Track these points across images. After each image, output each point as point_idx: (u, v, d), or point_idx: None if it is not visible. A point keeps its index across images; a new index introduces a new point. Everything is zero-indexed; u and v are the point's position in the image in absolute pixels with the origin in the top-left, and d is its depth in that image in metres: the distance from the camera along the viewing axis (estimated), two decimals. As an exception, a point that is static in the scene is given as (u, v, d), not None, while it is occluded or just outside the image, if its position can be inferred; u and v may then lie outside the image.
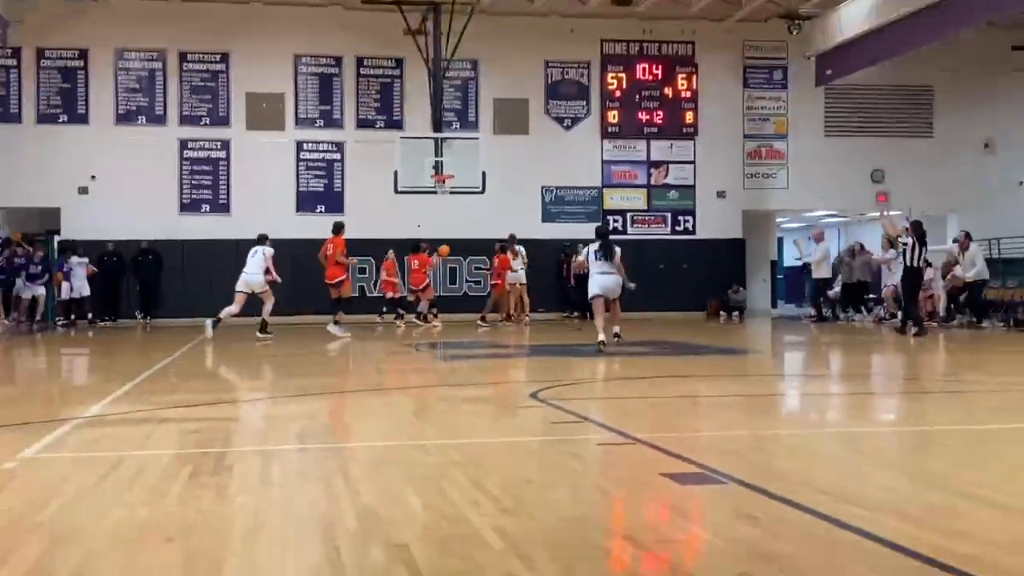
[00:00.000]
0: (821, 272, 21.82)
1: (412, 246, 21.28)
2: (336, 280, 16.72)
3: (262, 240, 16.93)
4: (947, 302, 20.05)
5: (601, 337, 12.53)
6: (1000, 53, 25.37)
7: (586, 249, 13.11)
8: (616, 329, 13.09)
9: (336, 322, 16.53)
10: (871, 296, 22.43)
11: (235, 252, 22.49)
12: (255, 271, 16.42)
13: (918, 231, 16.39)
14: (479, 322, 20.10)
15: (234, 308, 16.30)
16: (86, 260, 21.45)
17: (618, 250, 12.84)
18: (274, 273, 16.35)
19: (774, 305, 26.11)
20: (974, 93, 25.49)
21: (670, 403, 8.20)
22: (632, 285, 13.30)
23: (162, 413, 7.25)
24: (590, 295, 12.82)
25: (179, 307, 22.12)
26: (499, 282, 21.08)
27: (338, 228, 17.10)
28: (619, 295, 13.09)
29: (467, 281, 23.67)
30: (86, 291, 21.41)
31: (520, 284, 20.95)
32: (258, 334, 16.00)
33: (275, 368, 11.75)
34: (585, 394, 8.93)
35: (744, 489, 4.40)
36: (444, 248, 21.21)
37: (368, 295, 22.69)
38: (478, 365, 12.50)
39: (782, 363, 12.97)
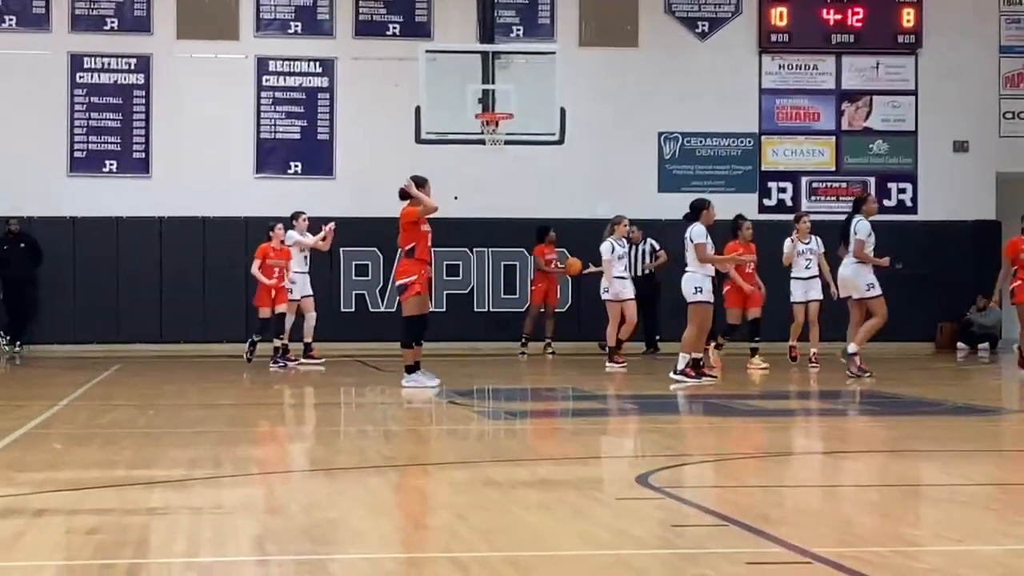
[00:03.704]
0: None
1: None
2: (403, 280, 15.74)
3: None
4: None
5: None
6: None
7: None
8: None
9: (413, 366, 15.35)
10: None
11: (159, 237, 22.94)
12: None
13: None
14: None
15: None
16: None
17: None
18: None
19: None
20: None
21: (869, 495, 8.18)
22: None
23: (38, 499, 7.30)
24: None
25: (67, 326, 22.59)
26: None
27: (419, 182, 15.76)
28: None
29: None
30: None
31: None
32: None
33: (222, 425, 11.79)
34: (725, 479, 8.98)
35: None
36: (574, 263, 21.30)
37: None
38: (551, 429, 12.56)
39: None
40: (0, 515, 6.87)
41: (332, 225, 19.41)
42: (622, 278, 19.08)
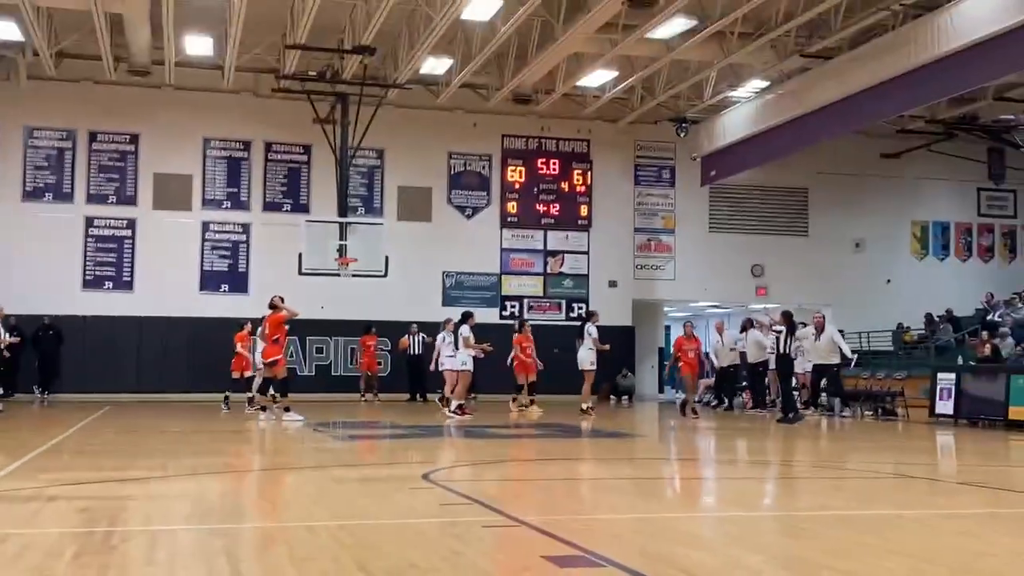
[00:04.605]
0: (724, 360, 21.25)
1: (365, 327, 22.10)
2: (270, 359, 15.66)
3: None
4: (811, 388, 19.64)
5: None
6: (870, 160, 27.26)
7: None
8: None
9: (286, 408, 15.23)
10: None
11: (137, 329, 22.63)
12: None
13: (789, 320, 17.38)
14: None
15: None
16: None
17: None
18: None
19: (661, 390, 27.04)
20: (846, 196, 27.18)
21: (558, 485, 8.43)
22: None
23: (51, 490, 7.15)
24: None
25: (78, 383, 21.93)
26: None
27: (275, 305, 15.84)
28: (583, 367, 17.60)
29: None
30: None
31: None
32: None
33: (171, 446, 11.62)
34: (476, 476, 8.98)
35: (622, 573, 4.41)
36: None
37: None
38: (374, 446, 12.69)
39: (668, 447, 13.18)
40: (25, 500, 6.77)
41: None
42: (451, 356, 17.95)
